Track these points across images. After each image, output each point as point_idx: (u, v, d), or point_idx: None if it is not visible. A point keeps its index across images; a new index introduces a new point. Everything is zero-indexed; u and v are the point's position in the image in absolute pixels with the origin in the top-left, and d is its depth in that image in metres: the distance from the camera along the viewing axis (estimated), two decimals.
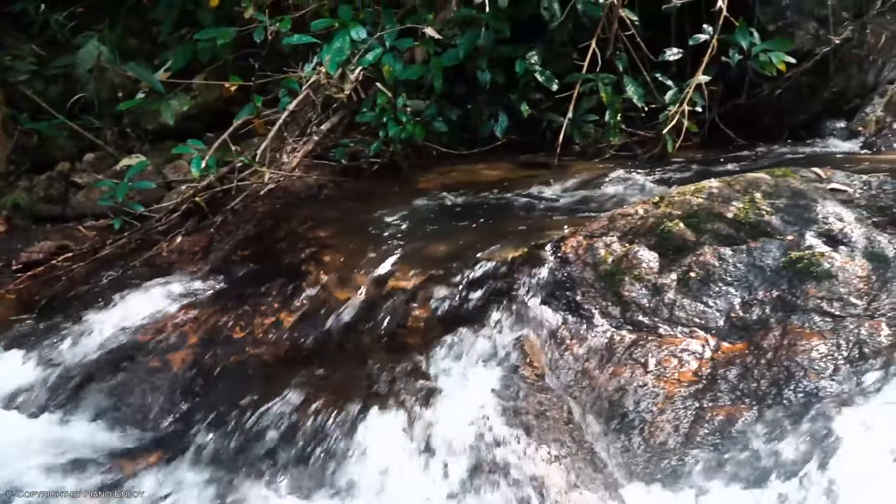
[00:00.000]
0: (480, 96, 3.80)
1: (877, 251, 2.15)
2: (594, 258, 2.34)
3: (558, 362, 2.19)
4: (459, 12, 3.62)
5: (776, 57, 3.57)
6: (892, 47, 3.94)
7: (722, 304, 2.19)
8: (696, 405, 2.00)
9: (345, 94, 3.32)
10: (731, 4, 3.47)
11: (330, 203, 3.27)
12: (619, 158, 3.68)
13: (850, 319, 2.02)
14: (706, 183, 2.46)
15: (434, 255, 2.56)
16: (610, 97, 3.56)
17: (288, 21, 3.46)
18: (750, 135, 4.02)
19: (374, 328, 2.39)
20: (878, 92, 4.05)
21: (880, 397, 1.87)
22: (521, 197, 3.13)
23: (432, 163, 3.70)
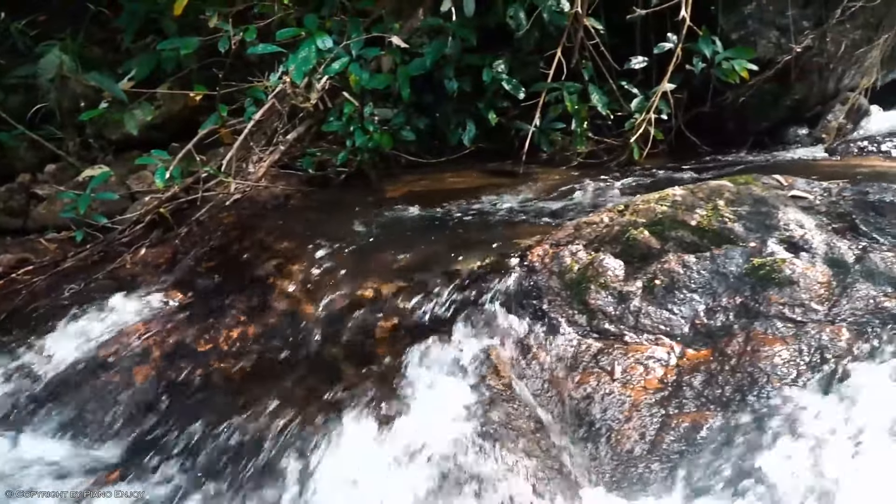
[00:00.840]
0: (448, 105, 3.80)
1: (836, 257, 2.17)
2: (560, 266, 2.35)
3: (525, 371, 2.19)
4: (426, 21, 3.63)
5: (739, 65, 3.63)
6: (851, 55, 4.01)
7: (687, 311, 2.20)
8: (661, 412, 2.01)
9: (311, 103, 3.31)
10: (695, 13, 3.52)
11: (297, 213, 3.25)
12: (586, 166, 3.71)
13: (812, 325, 2.04)
14: (670, 191, 2.48)
15: (402, 266, 2.55)
16: (575, 105, 3.58)
17: (253, 31, 3.44)
18: (715, 142, 4.08)
19: (342, 339, 2.37)
20: (839, 99, 4.12)
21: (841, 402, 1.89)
22: (488, 205, 3.13)
23: (401, 171, 3.70)
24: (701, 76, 3.71)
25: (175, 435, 2.20)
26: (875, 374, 1.90)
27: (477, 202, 3.19)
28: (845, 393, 1.89)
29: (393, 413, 2.06)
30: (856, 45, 4.00)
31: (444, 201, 3.20)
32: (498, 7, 3.56)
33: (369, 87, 3.49)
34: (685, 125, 4.00)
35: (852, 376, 1.92)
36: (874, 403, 1.83)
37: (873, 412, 1.81)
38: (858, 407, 1.83)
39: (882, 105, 4.50)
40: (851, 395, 1.88)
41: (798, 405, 1.89)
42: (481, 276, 2.39)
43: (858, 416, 1.81)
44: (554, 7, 3.41)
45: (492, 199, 3.22)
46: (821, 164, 3.57)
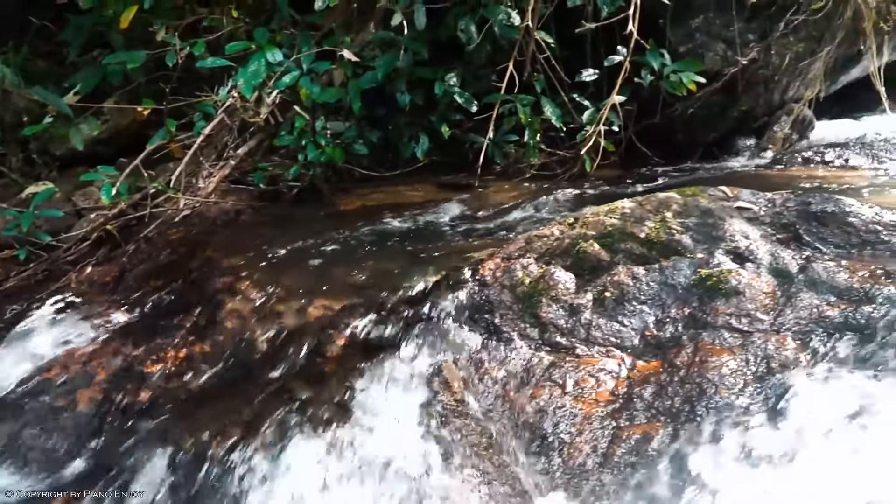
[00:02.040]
0: (401, 118, 3.80)
1: (781, 267, 2.21)
2: (512, 280, 2.35)
3: (478, 386, 2.18)
4: (378, 34, 3.62)
5: (686, 77, 3.69)
6: (795, 67, 4.11)
7: (637, 322, 2.22)
8: (613, 425, 2.02)
9: (261, 117, 3.27)
10: (644, 27, 3.57)
11: (247, 229, 3.20)
12: (539, 178, 3.73)
13: (758, 335, 2.07)
14: (619, 203, 2.51)
15: (353, 282, 2.53)
16: (528, 118, 3.60)
17: (201, 44, 3.39)
18: (666, 152, 4.14)
19: (293, 358, 2.34)
20: (785, 110, 4.22)
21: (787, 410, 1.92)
22: (441, 218, 3.13)
23: (354, 185, 3.68)
24: (650, 88, 3.77)
25: (120, 459, 2.14)
26: (819, 382, 1.93)
27: (431, 215, 3.19)
28: (790, 402, 1.92)
29: (344, 432, 2.03)
30: (799, 57, 4.09)
31: (397, 215, 3.19)
32: (449, 21, 3.57)
33: (321, 101, 3.46)
34: (636, 136, 4.05)
35: (797, 385, 1.95)
36: (818, 411, 1.85)
37: (817, 420, 1.84)
38: (803, 415, 1.86)
39: (826, 116, 4.62)
40: (796, 403, 1.91)
41: (745, 415, 1.92)
42: (433, 290, 2.38)
43: (802, 424, 1.84)
44: (504, 21, 3.43)
45: (446, 212, 3.22)
46: (767, 174, 3.65)
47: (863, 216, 2.36)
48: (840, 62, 4.32)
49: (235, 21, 3.72)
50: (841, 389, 1.89)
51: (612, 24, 3.56)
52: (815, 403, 1.88)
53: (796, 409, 1.90)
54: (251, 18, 3.88)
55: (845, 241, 2.33)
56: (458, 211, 3.22)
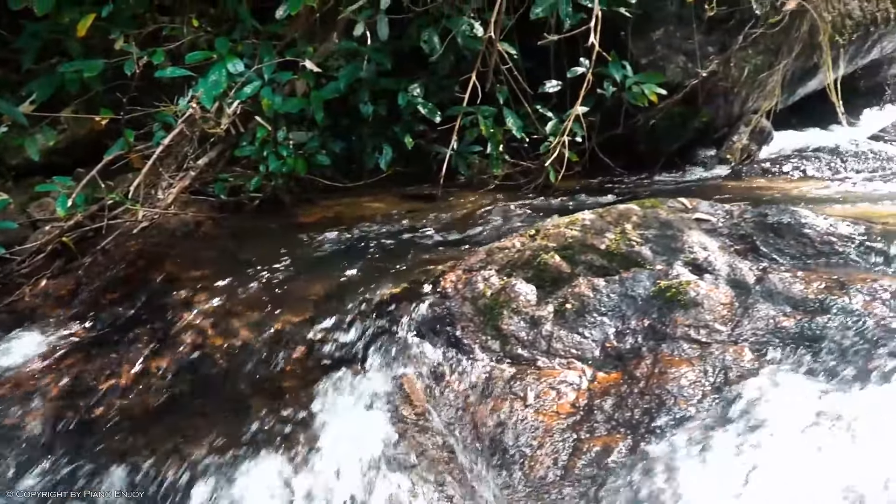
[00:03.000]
0: (364, 128, 3.79)
1: (738, 278, 2.24)
2: (473, 292, 2.35)
3: (439, 399, 2.17)
4: (341, 45, 3.60)
5: (648, 89, 3.72)
6: (754, 80, 4.17)
7: (597, 334, 2.22)
8: (573, 437, 2.02)
9: (222, 128, 3.23)
10: (606, 39, 3.60)
11: (207, 241, 3.15)
12: (503, 189, 3.73)
13: (716, 346, 2.09)
14: (580, 215, 2.52)
15: (314, 295, 2.50)
16: (491, 129, 3.61)
17: (161, 53, 3.35)
18: (628, 162, 4.18)
19: (252, 373, 2.30)
20: (743, 121, 4.28)
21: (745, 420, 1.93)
22: (404, 230, 3.12)
23: (317, 196, 3.65)
24: (613, 100, 3.80)
25: (72, 480, 2.08)
26: (775, 392, 1.95)
27: (393, 227, 3.17)
28: (748, 412, 1.94)
29: (303, 449, 2.00)
30: (758, 69, 4.16)
31: (359, 226, 3.17)
32: (412, 32, 3.56)
33: (283, 112, 3.43)
34: (599, 147, 4.08)
35: (755, 395, 1.97)
36: (775, 421, 1.87)
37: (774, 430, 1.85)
38: (760, 426, 1.87)
39: (785, 127, 4.70)
40: (754, 414, 1.93)
41: (703, 426, 1.93)
42: (395, 303, 2.37)
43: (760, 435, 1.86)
44: (467, 32, 3.44)
45: (408, 223, 3.20)
46: (727, 184, 3.69)
47: (818, 228, 2.39)
48: (797, 75, 4.40)
49: (196, 30, 3.68)
50: (797, 399, 1.91)
51: (575, 36, 3.59)
52: (771, 414, 1.89)
53: (754, 420, 1.92)
54: (213, 28, 3.84)
55: (801, 252, 2.36)
56: (421, 222, 3.21)
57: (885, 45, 4.84)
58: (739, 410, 1.95)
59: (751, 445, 1.86)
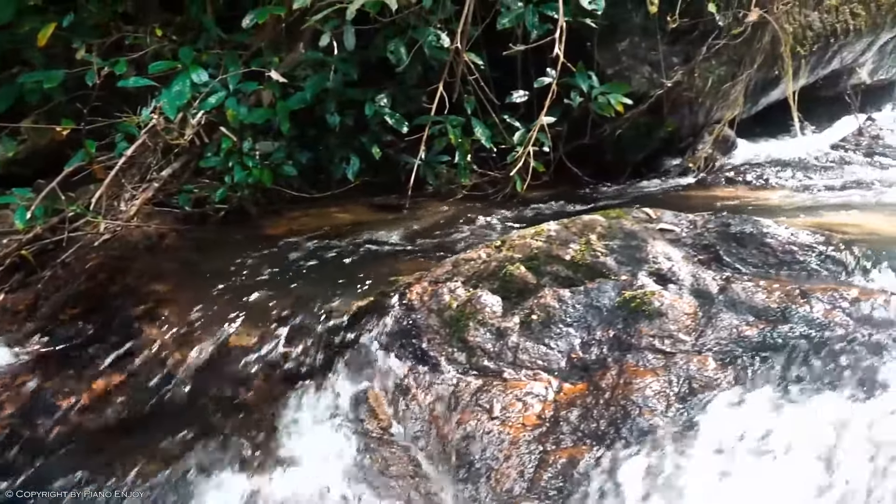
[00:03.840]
0: (332, 139, 3.76)
1: (702, 288, 2.25)
2: (439, 304, 2.34)
3: (405, 413, 2.15)
4: (307, 55, 3.58)
5: (614, 99, 3.75)
6: (718, 90, 4.23)
7: (563, 345, 2.23)
8: (540, 449, 2.01)
9: (185, 139, 3.19)
10: (573, 49, 3.61)
11: (171, 254, 3.11)
12: (471, 199, 3.73)
13: (680, 356, 2.10)
14: (545, 226, 2.52)
15: (279, 308, 2.47)
16: (459, 139, 3.61)
17: (123, 63, 3.30)
18: (595, 172, 4.20)
19: (215, 388, 2.28)
20: (708, 130, 4.33)
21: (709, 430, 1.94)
22: (371, 241, 3.10)
23: (284, 207, 3.62)
24: (580, 110, 3.82)
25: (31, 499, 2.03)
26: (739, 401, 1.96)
27: (360, 238, 3.15)
28: (712, 422, 1.95)
29: (266, 465, 1.98)
30: (721, 80, 4.21)
31: (326, 237, 3.15)
32: (378, 42, 3.55)
33: (248, 122, 3.40)
34: (567, 156, 4.10)
35: (718, 405, 1.98)
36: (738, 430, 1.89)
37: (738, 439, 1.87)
38: (724, 435, 1.89)
39: (749, 136, 4.77)
40: (717, 423, 1.94)
41: (668, 436, 1.93)
42: (360, 315, 2.35)
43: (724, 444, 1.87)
44: (434, 42, 3.44)
45: (375, 234, 3.19)
46: (692, 194, 3.73)
47: (779, 237, 2.42)
48: (760, 85, 4.47)
49: (160, 40, 3.64)
50: (760, 408, 1.92)
51: (542, 47, 3.60)
52: (736, 423, 1.91)
53: (718, 430, 1.93)
54: (178, 37, 3.80)
55: (763, 262, 2.38)
56: (389, 233, 3.20)
57: (844, 55, 4.93)
58: (704, 420, 1.96)
59: (715, 455, 1.87)
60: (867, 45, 5.10)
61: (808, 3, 4.47)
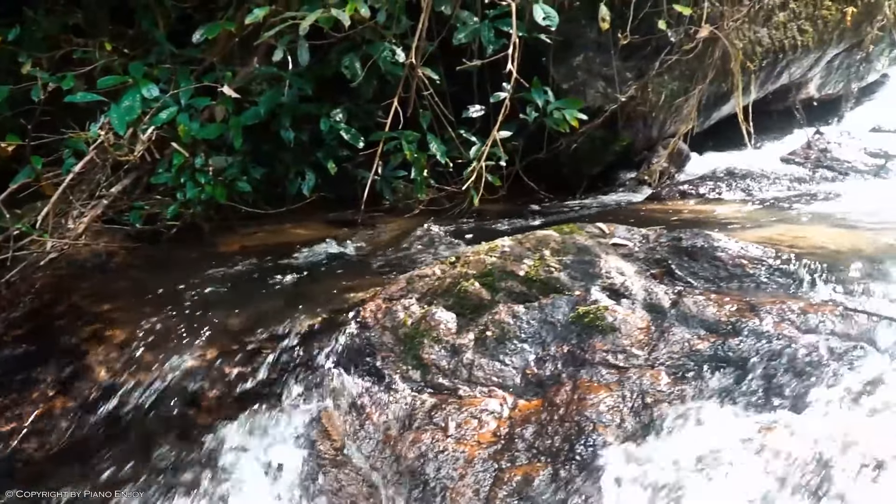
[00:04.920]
0: (287, 154, 3.73)
1: (654, 302, 2.27)
2: (393, 321, 2.32)
3: (359, 433, 2.12)
4: (261, 69, 3.54)
5: (569, 114, 3.77)
6: (671, 104, 4.29)
7: (518, 361, 2.22)
8: (495, 466, 2.00)
9: (135, 155, 3.13)
10: (529, 64, 3.64)
11: (120, 273, 3.04)
12: (427, 213, 3.72)
13: (633, 370, 2.10)
14: (499, 242, 2.52)
15: (230, 327, 2.43)
16: (414, 154, 3.60)
17: (70, 79, 3.23)
18: (553, 186, 4.23)
19: (164, 411, 2.22)
20: (662, 144, 4.39)
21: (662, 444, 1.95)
22: (326, 257, 3.07)
23: (238, 223, 3.57)
24: (536, 124, 3.84)
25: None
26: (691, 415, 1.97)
27: (315, 254, 3.12)
28: (665, 436, 1.96)
29: (216, 489, 1.94)
30: (674, 94, 4.28)
31: (280, 254, 3.11)
32: (333, 57, 3.54)
33: (201, 137, 3.35)
34: (523, 171, 4.12)
35: (671, 419, 1.99)
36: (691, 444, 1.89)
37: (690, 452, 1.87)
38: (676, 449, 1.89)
39: (702, 150, 4.84)
40: (670, 437, 1.95)
41: (622, 451, 1.94)
42: (313, 334, 2.32)
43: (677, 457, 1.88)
44: (389, 58, 3.43)
45: (331, 250, 3.16)
46: (647, 207, 3.76)
47: (730, 251, 2.45)
48: (712, 99, 4.55)
49: (110, 54, 3.57)
50: (712, 422, 1.94)
51: (499, 61, 3.62)
52: (688, 436, 1.92)
53: (671, 443, 1.94)
54: (131, 50, 3.74)
55: (714, 276, 2.41)
56: (344, 249, 3.17)
57: (793, 71, 5.05)
58: (657, 434, 1.97)
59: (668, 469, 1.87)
60: (815, 61, 5.23)
61: (758, 20, 4.56)
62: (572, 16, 3.96)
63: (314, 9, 3.04)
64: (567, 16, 3.85)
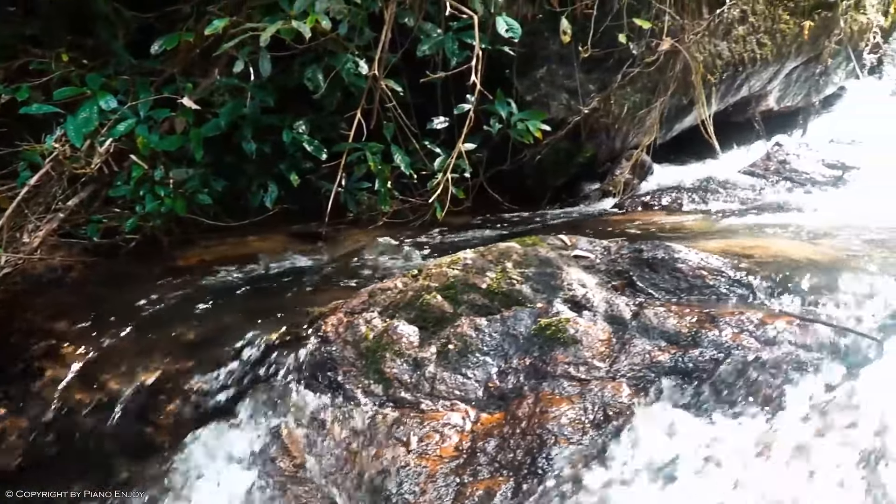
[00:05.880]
0: (249, 166, 3.69)
1: (616, 314, 2.28)
2: (355, 335, 2.30)
3: (320, 448, 2.10)
4: (223, 81, 3.51)
5: (533, 126, 3.79)
6: (633, 116, 4.33)
7: (480, 374, 2.21)
8: (457, 481, 1.99)
9: (93, 167, 3.07)
10: (493, 76, 3.66)
11: (76, 288, 2.98)
12: (392, 225, 3.71)
13: (595, 382, 2.11)
14: (461, 254, 2.51)
15: (189, 343, 2.39)
16: (378, 166, 3.59)
17: (25, 90, 3.17)
18: (517, 197, 4.24)
19: (119, 429, 2.18)
20: (625, 156, 4.43)
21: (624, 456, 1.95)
22: (288, 270, 3.04)
23: (199, 237, 3.52)
24: (500, 135, 3.85)
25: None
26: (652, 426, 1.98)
27: (277, 267, 3.09)
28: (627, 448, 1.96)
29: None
30: (637, 106, 4.32)
31: (242, 267, 3.07)
32: (295, 68, 3.51)
33: (160, 149, 3.31)
34: (488, 182, 4.13)
35: (632, 431, 2.00)
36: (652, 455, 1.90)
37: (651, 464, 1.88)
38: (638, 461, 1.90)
39: (665, 161, 4.90)
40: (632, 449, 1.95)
41: (584, 464, 1.94)
42: (274, 348, 2.29)
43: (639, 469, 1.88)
44: (352, 69, 3.41)
45: (293, 263, 3.13)
46: (610, 219, 3.79)
47: (690, 262, 2.47)
48: (674, 111, 4.60)
49: (68, 65, 3.50)
50: (673, 433, 1.95)
51: (463, 72, 3.63)
52: (649, 449, 1.92)
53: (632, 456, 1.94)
54: (90, 61, 3.67)
55: (675, 287, 2.43)
56: (307, 262, 3.14)
57: (752, 83, 5.13)
58: (618, 447, 1.97)
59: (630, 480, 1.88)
60: (773, 74, 5.32)
61: (718, 33, 4.63)
62: (535, 28, 3.98)
63: (275, 20, 3.02)
64: (530, 28, 3.87)
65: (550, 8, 3.93)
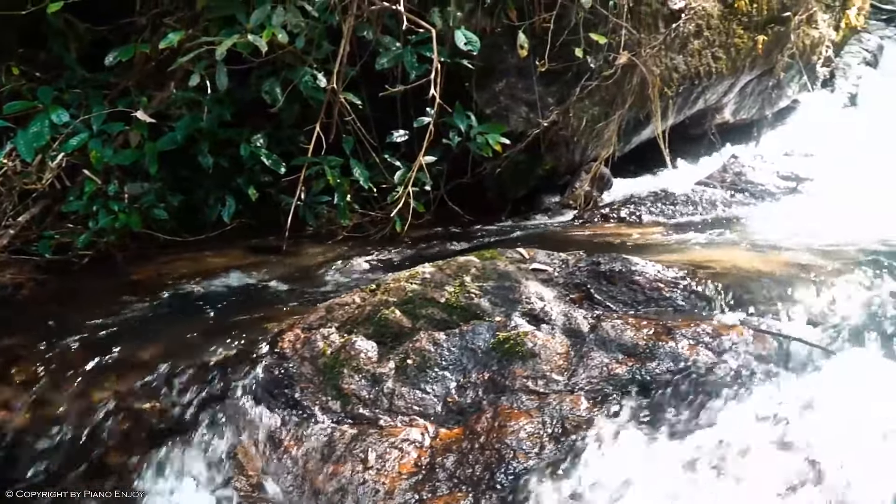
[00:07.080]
0: (206, 180, 3.65)
1: (574, 327, 2.28)
2: (312, 351, 2.27)
3: (277, 467, 2.06)
4: (179, 94, 3.47)
5: (492, 139, 3.82)
6: (592, 129, 4.38)
7: (439, 389, 2.20)
8: (416, 498, 1.97)
9: (44, 182, 3.01)
10: (452, 89, 3.67)
11: (26, 305, 2.91)
12: (352, 239, 3.69)
13: (553, 396, 2.11)
14: (420, 268, 2.51)
15: (142, 361, 2.34)
16: (337, 179, 3.57)
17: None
18: (477, 210, 4.25)
19: (71, 451, 2.12)
20: (584, 168, 4.47)
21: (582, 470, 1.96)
22: (245, 286, 3.00)
23: (155, 252, 3.46)
24: (460, 148, 3.87)
25: None
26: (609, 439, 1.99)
27: (233, 282, 3.05)
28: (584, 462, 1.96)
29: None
30: (595, 119, 4.37)
31: (198, 283, 3.03)
32: (252, 82, 3.49)
33: (114, 164, 3.25)
34: (448, 195, 4.13)
35: (590, 444, 2.00)
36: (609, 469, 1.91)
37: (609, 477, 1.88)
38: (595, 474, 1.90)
39: (624, 174, 4.95)
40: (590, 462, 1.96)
41: (541, 478, 1.93)
42: (229, 365, 2.26)
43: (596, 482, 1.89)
44: (310, 83, 3.40)
45: (250, 278, 3.09)
46: (569, 231, 3.82)
47: (647, 274, 2.49)
48: (632, 124, 4.66)
49: (18, 78, 3.43)
50: (630, 446, 1.96)
51: (423, 86, 3.64)
52: (607, 462, 1.93)
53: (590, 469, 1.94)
54: (43, 74, 3.60)
55: (632, 299, 2.45)
56: (264, 276, 3.11)
57: (708, 96, 5.22)
58: (576, 460, 1.98)
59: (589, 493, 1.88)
60: (729, 87, 5.42)
61: (674, 47, 4.71)
62: (494, 42, 4.01)
63: (231, 34, 3.00)
64: (489, 41, 3.90)
65: (509, 22, 3.97)
